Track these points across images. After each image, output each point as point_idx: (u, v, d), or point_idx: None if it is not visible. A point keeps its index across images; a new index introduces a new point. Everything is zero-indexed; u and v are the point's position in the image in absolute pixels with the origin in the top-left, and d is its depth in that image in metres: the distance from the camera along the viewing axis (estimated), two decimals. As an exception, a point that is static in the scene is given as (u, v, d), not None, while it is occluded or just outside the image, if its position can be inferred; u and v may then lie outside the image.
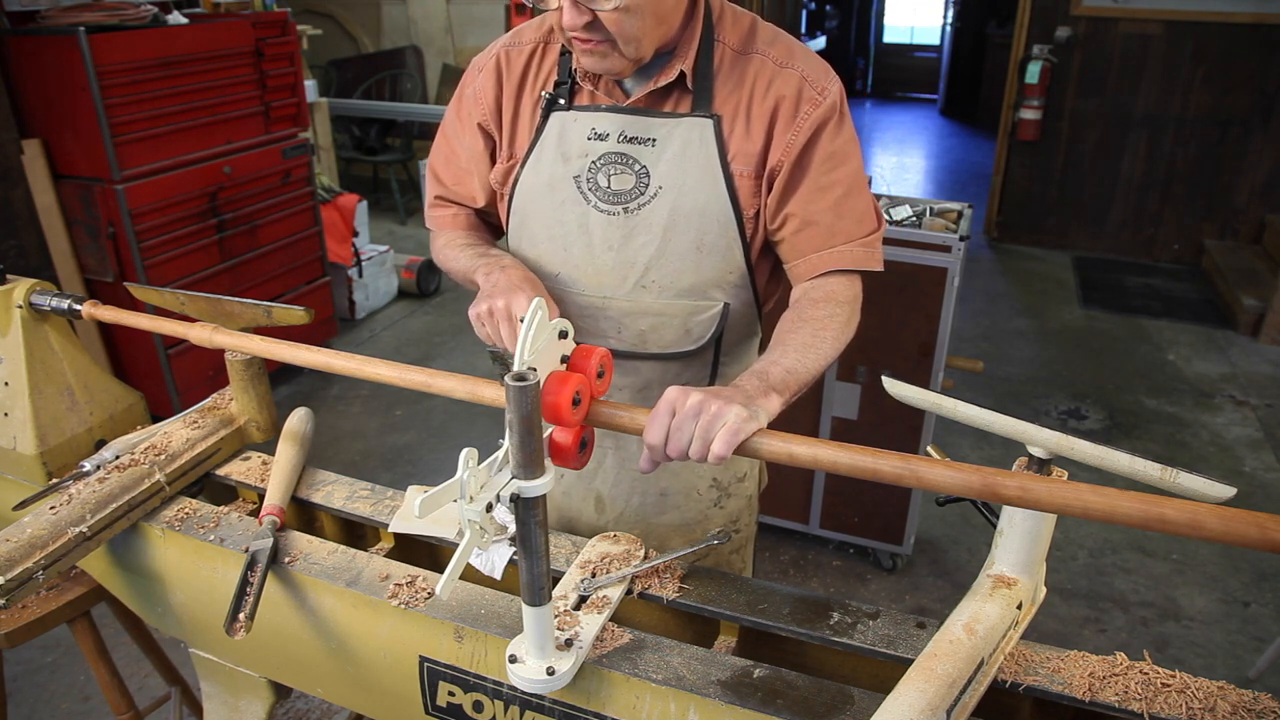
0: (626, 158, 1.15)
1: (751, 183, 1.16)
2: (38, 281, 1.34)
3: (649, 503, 1.35)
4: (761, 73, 1.14)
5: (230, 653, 1.30)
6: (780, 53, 1.16)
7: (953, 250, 2.35)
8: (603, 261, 1.18)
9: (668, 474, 1.33)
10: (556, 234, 1.20)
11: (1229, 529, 0.67)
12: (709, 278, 1.18)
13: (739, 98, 1.15)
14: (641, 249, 1.16)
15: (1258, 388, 3.95)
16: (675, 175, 1.14)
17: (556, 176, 1.18)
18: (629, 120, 1.15)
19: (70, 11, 3.10)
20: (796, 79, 1.13)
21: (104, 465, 1.27)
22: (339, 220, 4.44)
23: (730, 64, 1.15)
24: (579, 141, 1.17)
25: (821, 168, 1.14)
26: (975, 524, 3.00)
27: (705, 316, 1.21)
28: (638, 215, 1.15)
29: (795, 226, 1.16)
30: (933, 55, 11.05)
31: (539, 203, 1.20)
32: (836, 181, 1.15)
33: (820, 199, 1.15)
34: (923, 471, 0.80)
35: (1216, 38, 4.98)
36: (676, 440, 0.89)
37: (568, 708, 0.99)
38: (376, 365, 1.07)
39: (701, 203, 1.14)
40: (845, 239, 1.16)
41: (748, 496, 1.43)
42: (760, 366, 1.02)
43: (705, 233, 1.16)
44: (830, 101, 1.14)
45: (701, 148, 1.14)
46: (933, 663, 0.84)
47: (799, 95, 1.13)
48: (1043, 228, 5.77)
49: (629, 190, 1.15)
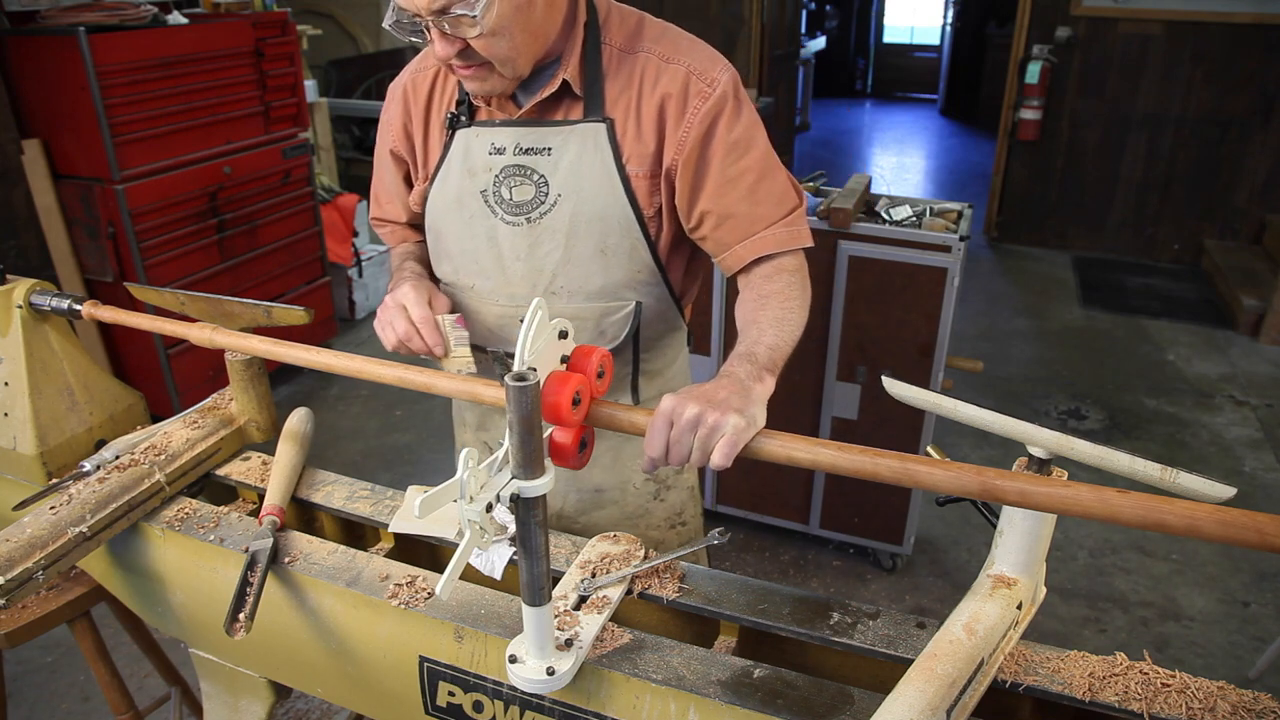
0: (525, 169, 1.17)
1: (648, 182, 1.16)
2: (38, 281, 1.34)
3: (585, 499, 1.37)
4: (648, 70, 1.14)
5: (230, 653, 1.30)
6: (666, 48, 1.15)
7: (953, 250, 2.35)
8: (513, 271, 1.21)
9: (599, 469, 1.35)
10: (468, 247, 1.23)
11: (1227, 531, 0.67)
12: (617, 279, 1.20)
13: (629, 98, 1.15)
14: (547, 256, 1.19)
15: (1258, 388, 3.95)
16: (573, 182, 1.16)
17: (464, 192, 1.21)
18: (523, 132, 1.17)
19: (70, 11, 3.10)
20: (682, 73, 1.13)
21: (104, 465, 1.27)
22: (339, 220, 4.44)
23: (618, 65, 1.16)
24: (482, 157, 1.19)
25: (726, 159, 1.14)
26: (975, 524, 3.00)
27: (618, 317, 1.23)
28: (540, 224, 1.18)
29: (714, 222, 1.17)
30: (933, 55, 11.05)
31: (449, 218, 1.24)
32: (745, 170, 1.15)
33: (731, 190, 1.15)
34: (922, 472, 0.80)
35: (1216, 38, 4.98)
36: (677, 452, 0.90)
37: (568, 708, 0.99)
38: (377, 365, 1.07)
39: (600, 207, 1.16)
40: (767, 223, 1.17)
41: (689, 487, 1.43)
42: (745, 349, 1.03)
43: (608, 235, 1.17)
44: (720, 91, 1.13)
45: (596, 153, 1.15)
46: (933, 663, 0.84)
47: (685, 90, 1.13)
48: (1043, 228, 5.77)
49: (530, 200, 1.18)
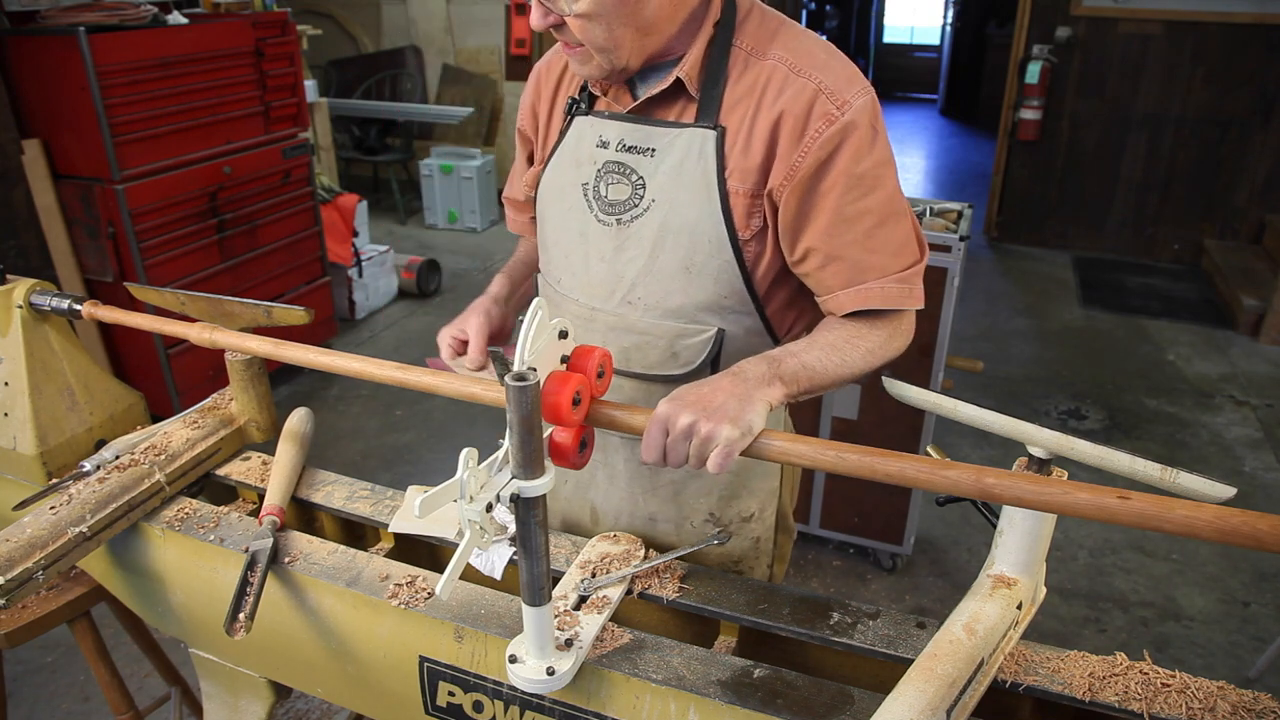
0: (624, 167, 1.10)
1: (747, 201, 1.06)
2: (38, 281, 1.34)
3: (637, 524, 1.28)
4: (773, 79, 1.03)
5: (230, 653, 1.30)
6: (799, 58, 1.03)
7: (953, 250, 2.35)
8: (595, 272, 1.14)
9: (657, 499, 1.25)
10: (562, 239, 1.18)
11: (1224, 532, 0.67)
12: (699, 300, 1.09)
13: (747, 106, 1.04)
14: (630, 263, 1.11)
15: (1258, 388, 3.95)
16: (669, 189, 1.07)
17: (567, 182, 1.15)
18: (629, 129, 1.10)
19: (70, 11, 3.10)
20: (810, 90, 1.01)
21: (104, 465, 1.27)
22: (339, 220, 4.44)
23: (743, 68, 1.05)
24: (589, 148, 1.13)
25: (846, 196, 1.02)
26: (975, 524, 3.00)
27: (695, 341, 1.11)
28: (630, 228, 1.10)
29: (819, 261, 1.05)
30: (933, 55, 11.06)
31: (552, 208, 1.19)
32: (866, 211, 1.03)
33: (845, 231, 1.03)
34: (922, 472, 0.80)
35: (1216, 38, 4.98)
36: (673, 459, 0.90)
37: (568, 708, 0.99)
38: (377, 366, 1.07)
39: (693, 219, 1.06)
40: (879, 274, 1.05)
41: (754, 539, 1.28)
42: (776, 353, 0.99)
43: (695, 252, 1.07)
44: (850, 118, 1.00)
45: (699, 161, 1.05)
46: (933, 663, 0.85)
47: (810, 109, 1.00)
48: (1043, 228, 5.76)
49: (624, 201, 1.10)
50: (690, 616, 1.12)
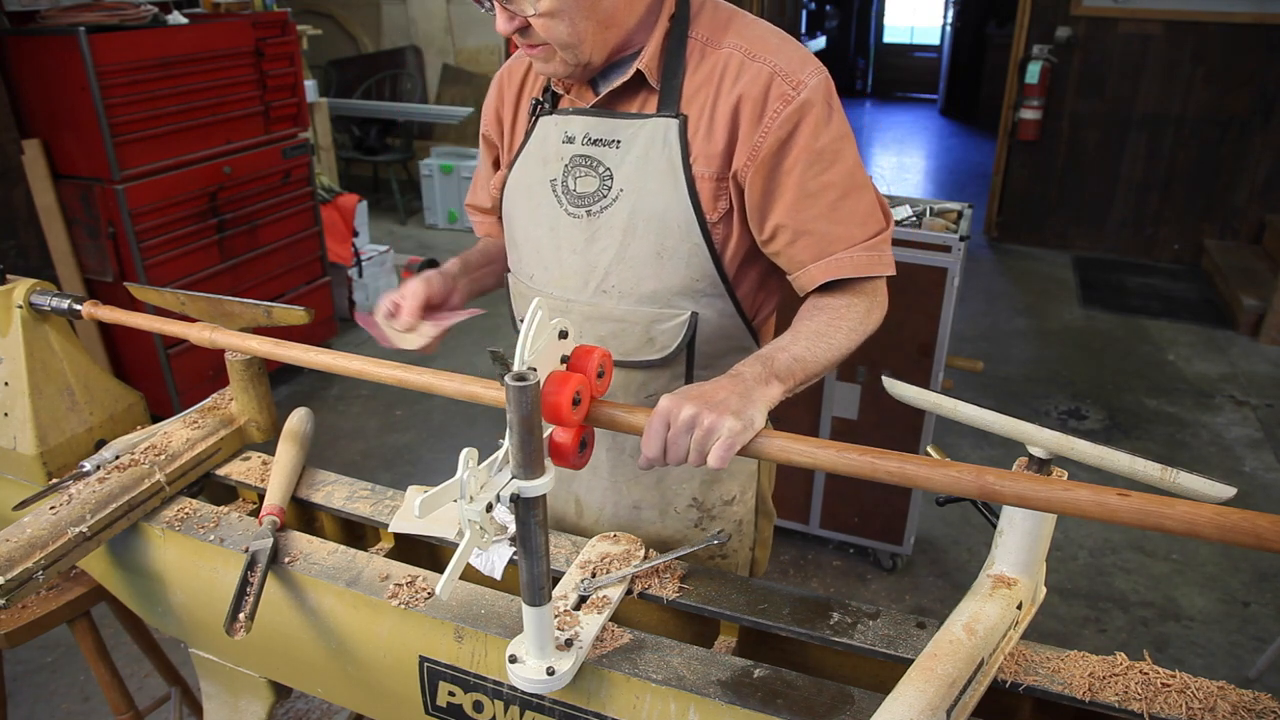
0: (591, 160, 1.13)
1: (713, 185, 1.09)
2: (38, 281, 1.34)
3: (622, 513, 1.31)
4: (729, 66, 1.07)
5: (230, 653, 1.30)
6: (752, 44, 1.08)
7: (953, 250, 2.35)
8: (567, 264, 1.17)
9: (640, 487, 1.28)
10: (532, 235, 1.21)
11: (1224, 532, 0.67)
12: (672, 284, 1.13)
13: (707, 94, 1.08)
14: (602, 253, 1.14)
15: (1258, 388, 3.95)
16: (636, 178, 1.10)
17: (535, 180, 1.19)
18: (594, 122, 1.13)
19: (70, 11, 3.10)
20: (766, 73, 1.05)
21: (104, 465, 1.27)
22: (339, 220, 4.44)
23: (700, 58, 1.10)
24: (555, 145, 1.17)
25: (808, 171, 1.06)
26: (975, 524, 3.00)
27: (670, 325, 1.15)
28: (599, 218, 1.13)
29: (788, 238, 1.10)
30: (933, 55, 11.06)
31: (519, 206, 1.22)
32: (828, 184, 1.07)
33: (810, 205, 1.07)
34: (922, 472, 0.80)
35: (1216, 38, 4.98)
36: (674, 453, 0.90)
37: (568, 708, 0.99)
38: (377, 365, 1.07)
39: (661, 206, 1.10)
40: (846, 244, 1.09)
41: (736, 521, 1.34)
42: (767, 351, 1.01)
43: (666, 237, 1.11)
44: (805, 96, 1.05)
45: (664, 149, 1.09)
46: (933, 663, 0.84)
47: (767, 91, 1.05)
48: (1043, 228, 5.77)
49: (592, 193, 1.13)
50: (690, 616, 1.12)
